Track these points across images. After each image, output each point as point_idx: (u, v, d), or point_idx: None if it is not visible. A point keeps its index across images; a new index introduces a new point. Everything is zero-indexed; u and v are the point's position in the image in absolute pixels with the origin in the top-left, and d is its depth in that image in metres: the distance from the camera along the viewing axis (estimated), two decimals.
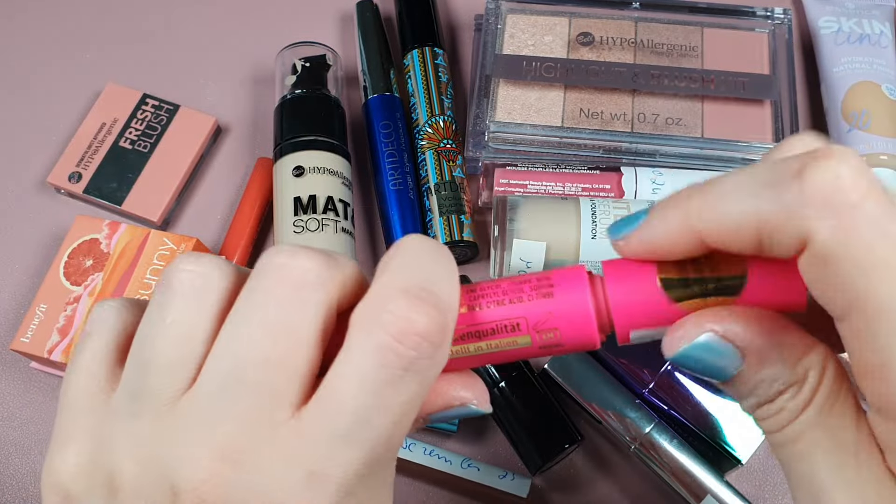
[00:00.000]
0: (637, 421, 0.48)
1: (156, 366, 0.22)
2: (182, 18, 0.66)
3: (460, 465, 0.49)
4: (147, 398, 0.21)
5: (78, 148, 0.59)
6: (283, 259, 0.22)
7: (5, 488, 0.51)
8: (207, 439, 0.21)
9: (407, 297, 0.21)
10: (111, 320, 0.24)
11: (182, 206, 0.59)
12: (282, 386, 0.21)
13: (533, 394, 0.49)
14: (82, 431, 0.22)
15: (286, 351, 0.21)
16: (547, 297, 0.23)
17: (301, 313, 0.21)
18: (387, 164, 0.57)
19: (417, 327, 0.20)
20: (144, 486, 0.21)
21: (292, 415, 0.21)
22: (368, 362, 0.20)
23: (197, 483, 0.20)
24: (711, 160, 0.56)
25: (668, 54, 0.59)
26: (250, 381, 0.21)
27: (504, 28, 0.60)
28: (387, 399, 0.21)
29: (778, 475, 0.50)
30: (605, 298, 0.23)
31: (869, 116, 0.57)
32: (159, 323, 0.22)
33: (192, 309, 0.22)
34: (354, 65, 0.63)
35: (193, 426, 0.21)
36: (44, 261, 0.57)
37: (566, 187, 0.55)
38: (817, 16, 0.63)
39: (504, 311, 0.23)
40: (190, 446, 0.21)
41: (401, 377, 0.21)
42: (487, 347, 0.24)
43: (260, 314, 0.21)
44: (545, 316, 0.23)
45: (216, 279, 0.22)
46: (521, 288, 0.23)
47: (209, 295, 0.22)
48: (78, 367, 0.23)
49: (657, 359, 0.50)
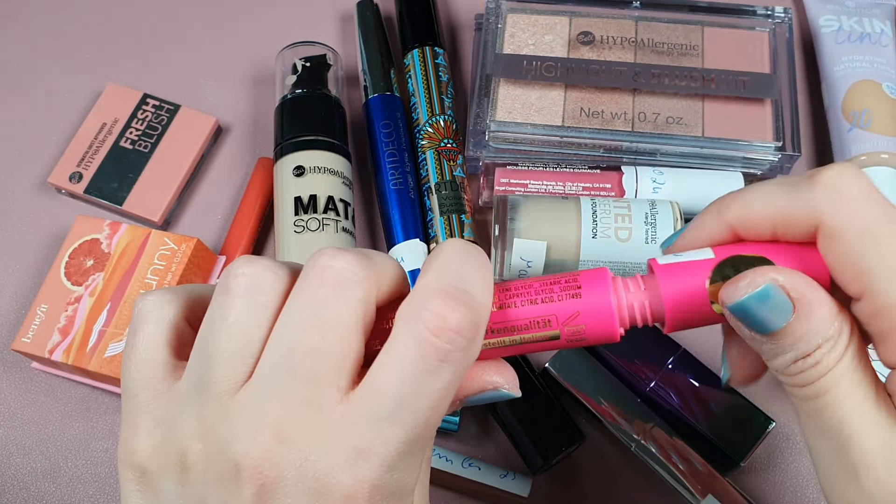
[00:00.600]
0: (638, 420, 0.48)
1: (219, 359, 0.24)
2: (182, 18, 0.66)
3: (461, 465, 0.49)
4: (211, 387, 0.24)
5: (78, 148, 0.59)
6: (325, 261, 0.25)
7: (6, 488, 0.51)
8: (264, 421, 0.23)
9: (443, 296, 0.24)
10: (157, 313, 0.26)
11: (183, 205, 0.59)
12: (328, 373, 0.24)
13: (534, 393, 0.49)
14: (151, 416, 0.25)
15: (331, 342, 0.24)
16: (575, 298, 0.26)
17: (342, 308, 0.24)
18: (387, 164, 0.57)
19: (451, 324, 0.23)
20: (211, 464, 0.24)
21: (340, 399, 0.24)
22: (409, 353, 0.23)
23: (256, 460, 0.23)
24: (712, 159, 0.56)
25: (669, 53, 0.59)
26: (300, 370, 0.24)
27: (504, 27, 0.60)
28: (425, 386, 0.23)
29: (778, 474, 0.50)
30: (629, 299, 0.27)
31: (870, 115, 0.57)
32: (220, 321, 0.25)
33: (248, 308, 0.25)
34: (355, 64, 0.63)
35: (252, 411, 0.23)
36: (45, 261, 0.57)
37: (567, 187, 0.55)
38: (818, 14, 0.63)
39: (537, 309, 0.26)
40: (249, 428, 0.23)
41: (437, 367, 0.23)
42: (521, 340, 0.27)
43: (306, 311, 0.24)
44: (573, 314, 0.26)
45: (269, 281, 0.25)
46: (552, 288, 0.27)
47: (262, 296, 0.25)
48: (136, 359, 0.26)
49: (658, 358, 0.50)
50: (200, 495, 0.24)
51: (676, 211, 0.52)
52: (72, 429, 0.52)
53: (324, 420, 0.23)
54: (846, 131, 0.57)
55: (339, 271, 0.24)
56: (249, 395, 0.24)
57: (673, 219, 0.51)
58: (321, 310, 0.24)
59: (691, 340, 0.54)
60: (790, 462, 0.51)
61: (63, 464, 0.52)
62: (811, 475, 0.50)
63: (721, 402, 0.48)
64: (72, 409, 0.53)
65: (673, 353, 0.50)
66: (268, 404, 0.23)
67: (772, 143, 0.55)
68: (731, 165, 0.56)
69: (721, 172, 0.56)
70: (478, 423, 0.52)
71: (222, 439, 0.24)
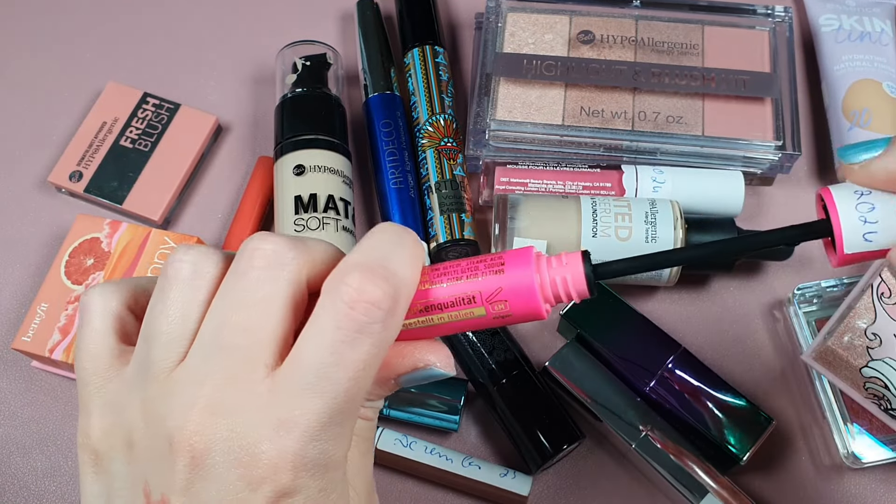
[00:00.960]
0: (638, 419, 0.48)
1: (158, 341, 0.26)
2: (183, 17, 0.66)
3: (461, 464, 0.49)
4: (152, 368, 0.25)
5: (79, 147, 0.59)
6: (255, 243, 0.26)
7: (6, 487, 0.51)
8: (196, 397, 0.24)
9: (361, 269, 0.25)
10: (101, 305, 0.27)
11: (183, 205, 0.59)
12: (256, 350, 0.25)
13: (534, 392, 0.49)
14: (102, 401, 0.27)
15: (258, 320, 0.25)
16: (498, 274, 0.27)
17: (270, 288, 0.25)
18: (387, 163, 0.57)
19: (367, 296, 0.24)
20: (151, 441, 0.25)
21: (267, 374, 0.24)
22: (327, 325, 0.24)
23: (187, 434, 0.24)
24: (712, 158, 0.56)
25: (669, 52, 0.59)
26: (229, 347, 0.25)
27: (504, 26, 0.60)
28: (343, 356, 0.24)
29: (778, 474, 0.50)
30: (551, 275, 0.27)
31: (870, 114, 0.57)
32: (159, 306, 0.26)
33: (184, 292, 0.26)
34: (355, 63, 0.63)
35: (185, 387, 0.25)
36: (45, 260, 0.57)
37: (567, 186, 0.55)
38: (818, 14, 0.63)
39: (462, 286, 0.27)
40: (182, 404, 0.24)
41: (355, 338, 0.24)
42: (449, 318, 0.27)
43: (236, 291, 0.25)
44: (496, 290, 0.27)
45: (205, 266, 0.26)
46: (477, 266, 0.27)
47: (198, 280, 0.26)
48: (84, 350, 0.27)
49: (658, 358, 0.50)
50: (143, 471, 0.25)
51: (676, 210, 0.52)
52: (72, 427, 0.52)
53: (251, 394, 0.24)
54: (846, 130, 0.57)
55: (268, 253, 0.25)
56: (184, 372, 0.25)
57: (673, 218, 0.51)
58: (250, 290, 0.25)
59: (691, 340, 0.54)
60: (790, 461, 0.51)
61: (63, 463, 0.52)
62: (811, 475, 0.50)
63: (721, 401, 0.48)
64: (72, 408, 0.53)
65: (673, 353, 0.50)
66: (199, 381, 0.24)
67: (772, 143, 0.55)
68: (732, 164, 0.56)
69: (721, 171, 0.56)
70: (478, 422, 0.52)
71: (160, 416, 0.25)
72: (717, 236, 0.52)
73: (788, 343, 0.54)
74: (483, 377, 0.50)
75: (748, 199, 0.57)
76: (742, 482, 0.49)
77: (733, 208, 0.55)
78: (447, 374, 0.28)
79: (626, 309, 0.51)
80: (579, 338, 0.51)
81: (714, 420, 0.48)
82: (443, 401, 0.50)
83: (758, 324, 0.54)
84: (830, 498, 0.50)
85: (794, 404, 0.52)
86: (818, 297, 0.53)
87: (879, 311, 0.47)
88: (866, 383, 0.46)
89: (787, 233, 0.29)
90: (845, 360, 0.47)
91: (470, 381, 0.51)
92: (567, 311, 0.51)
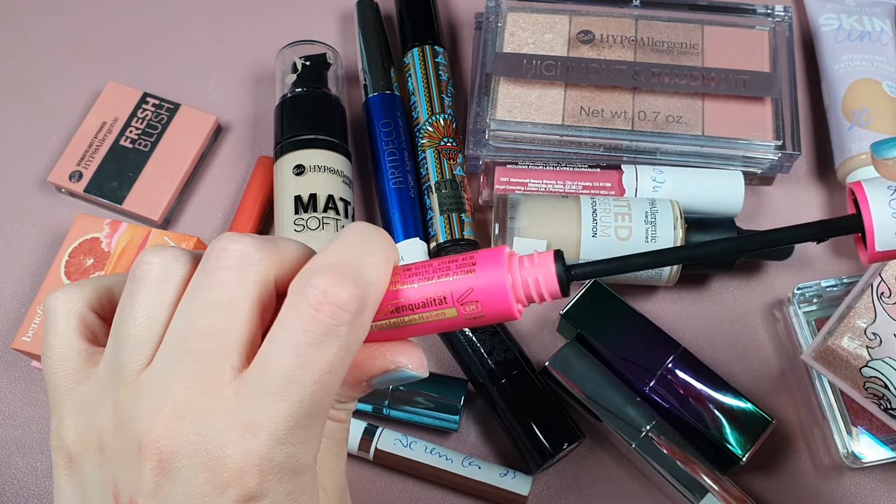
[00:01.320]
0: (638, 419, 0.48)
1: (127, 344, 0.25)
2: (183, 17, 0.66)
3: (461, 464, 0.49)
4: (122, 371, 0.25)
5: (78, 147, 0.59)
6: (222, 244, 0.25)
7: (7, 488, 0.51)
8: (163, 400, 0.24)
9: (327, 271, 0.24)
10: (65, 307, 0.27)
11: (183, 204, 0.59)
12: (222, 353, 0.24)
13: (534, 392, 0.49)
14: (74, 404, 0.26)
15: (224, 322, 0.25)
16: (469, 274, 0.26)
17: (237, 289, 0.25)
18: (387, 163, 0.57)
19: (333, 298, 0.24)
20: (120, 444, 0.25)
21: (234, 377, 0.24)
22: (293, 328, 0.24)
23: (155, 437, 0.24)
24: (712, 158, 0.56)
25: (669, 52, 0.59)
26: (196, 350, 0.24)
27: (504, 26, 0.60)
28: (309, 359, 0.24)
29: (778, 474, 0.50)
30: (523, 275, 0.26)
31: (870, 114, 0.57)
32: (127, 308, 0.26)
33: (152, 295, 0.26)
34: (355, 63, 0.63)
35: (153, 390, 0.24)
36: (45, 260, 0.57)
37: (567, 185, 0.55)
38: (818, 13, 0.63)
39: (433, 286, 0.26)
40: (150, 407, 0.24)
41: (321, 341, 0.24)
42: (420, 319, 0.27)
43: (202, 293, 0.25)
44: (468, 290, 0.26)
45: (173, 268, 0.26)
46: (449, 266, 0.26)
47: (166, 282, 0.26)
48: (51, 354, 0.27)
49: (658, 357, 0.50)
50: (113, 474, 0.25)
51: (676, 210, 0.52)
52: None
53: (218, 397, 0.24)
54: (846, 130, 0.57)
55: (235, 254, 0.25)
56: (151, 376, 0.25)
57: (673, 217, 0.51)
58: (216, 291, 0.25)
59: (691, 340, 0.54)
60: (790, 461, 0.51)
61: None
62: (811, 475, 0.50)
63: (721, 401, 0.48)
64: None
65: (673, 353, 0.50)
66: (167, 384, 0.24)
67: (772, 142, 0.55)
68: (731, 164, 0.56)
69: (721, 171, 0.56)
70: (478, 422, 0.52)
71: (128, 419, 0.25)
72: (717, 236, 0.52)
73: (788, 343, 0.54)
74: (483, 377, 0.50)
75: (748, 199, 0.57)
76: (742, 482, 0.49)
77: (733, 208, 0.55)
78: (419, 375, 0.28)
79: (626, 309, 0.51)
80: (579, 338, 0.51)
81: (714, 420, 0.48)
82: (443, 401, 0.50)
83: (758, 324, 0.54)
84: (830, 498, 0.50)
85: (794, 404, 0.52)
86: (818, 297, 0.53)
87: (879, 311, 0.47)
88: (866, 383, 0.46)
89: (816, 228, 0.28)
90: (845, 360, 0.47)
91: (470, 381, 0.51)
92: (567, 311, 0.51)
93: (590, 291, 0.51)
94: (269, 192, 0.57)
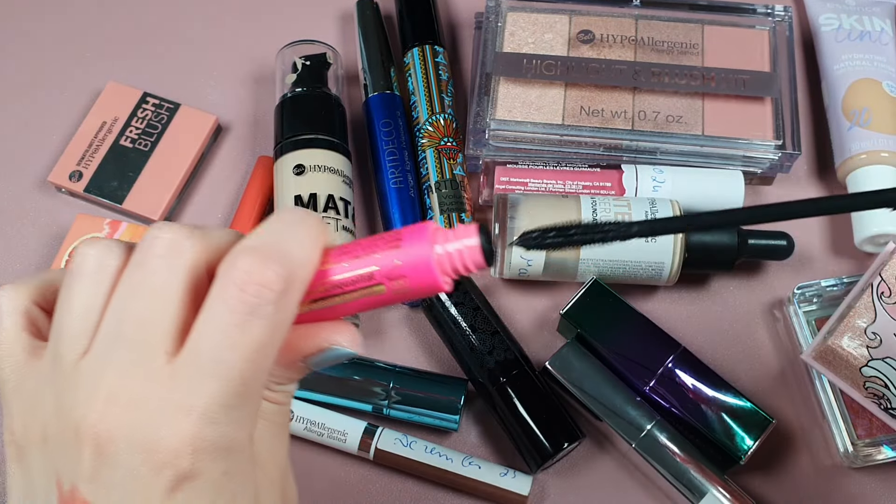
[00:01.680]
0: (638, 418, 0.48)
1: (65, 335, 0.26)
2: (183, 17, 0.66)
3: (461, 463, 0.49)
4: (61, 361, 0.26)
5: (78, 146, 0.59)
6: (154, 233, 0.26)
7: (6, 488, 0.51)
8: (99, 387, 0.25)
9: (253, 253, 0.25)
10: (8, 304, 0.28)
11: (183, 204, 0.59)
12: (154, 338, 0.25)
13: (534, 391, 0.49)
14: (21, 397, 0.27)
15: (155, 308, 0.25)
16: (395, 249, 0.26)
17: (167, 276, 0.25)
18: (387, 162, 0.57)
19: (257, 278, 0.24)
20: (60, 432, 0.26)
21: (168, 361, 0.25)
22: (219, 308, 0.25)
23: (91, 423, 0.24)
24: (712, 158, 0.56)
25: (669, 52, 0.59)
26: (129, 336, 0.25)
27: (504, 26, 0.60)
28: (235, 339, 0.24)
29: (778, 473, 0.50)
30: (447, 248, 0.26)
31: (870, 114, 0.57)
32: (65, 300, 0.27)
33: (88, 286, 0.26)
34: (355, 63, 0.63)
35: (89, 378, 0.25)
36: (45, 260, 0.57)
37: (567, 185, 0.55)
38: (818, 13, 0.63)
39: (360, 263, 0.27)
40: (86, 395, 0.25)
41: (246, 320, 0.24)
42: (351, 297, 0.27)
43: (134, 280, 0.26)
44: (394, 266, 0.26)
45: (108, 259, 0.27)
46: (376, 243, 0.27)
47: (102, 274, 0.26)
48: None
49: (658, 357, 0.50)
50: (55, 462, 0.26)
51: (676, 209, 0.52)
52: None
53: (151, 381, 0.25)
54: (846, 129, 0.57)
55: (165, 241, 0.26)
56: (87, 364, 0.25)
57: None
58: (147, 278, 0.25)
59: (691, 340, 0.54)
60: (790, 461, 0.51)
61: None
62: (811, 475, 0.50)
63: (721, 400, 0.48)
64: None
65: (673, 353, 0.50)
66: (101, 371, 0.25)
67: (772, 142, 0.55)
68: (731, 164, 0.56)
69: (721, 171, 0.56)
70: (478, 422, 0.52)
71: (66, 407, 0.25)
72: (717, 235, 0.52)
73: (788, 343, 0.54)
74: (483, 377, 0.50)
75: (748, 199, 0.57)
76: (742, 482, 0.49)
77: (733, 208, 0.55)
78: (353, 353, 0.28)
79: (626, 308, 0.51)
80: (579, 337, 0.51)
81: (714, 420, 0.48)
82: (443, 401, 0.50)
83: (758, 323, 0.54)
84: (830, 498, 0.50)
85: (794, 404, 0.52)
86: (818, 297, 0.53)
87: (879, 311, 0.47)
88: (866, 383, 0.46)
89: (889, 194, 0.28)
90: (845, 360, 0.47)
91: (470, 381, 0.51)
92: (567, 311, 0.51)
93: (590, 291, 0.51)
94: (269, 191, 0.57)
